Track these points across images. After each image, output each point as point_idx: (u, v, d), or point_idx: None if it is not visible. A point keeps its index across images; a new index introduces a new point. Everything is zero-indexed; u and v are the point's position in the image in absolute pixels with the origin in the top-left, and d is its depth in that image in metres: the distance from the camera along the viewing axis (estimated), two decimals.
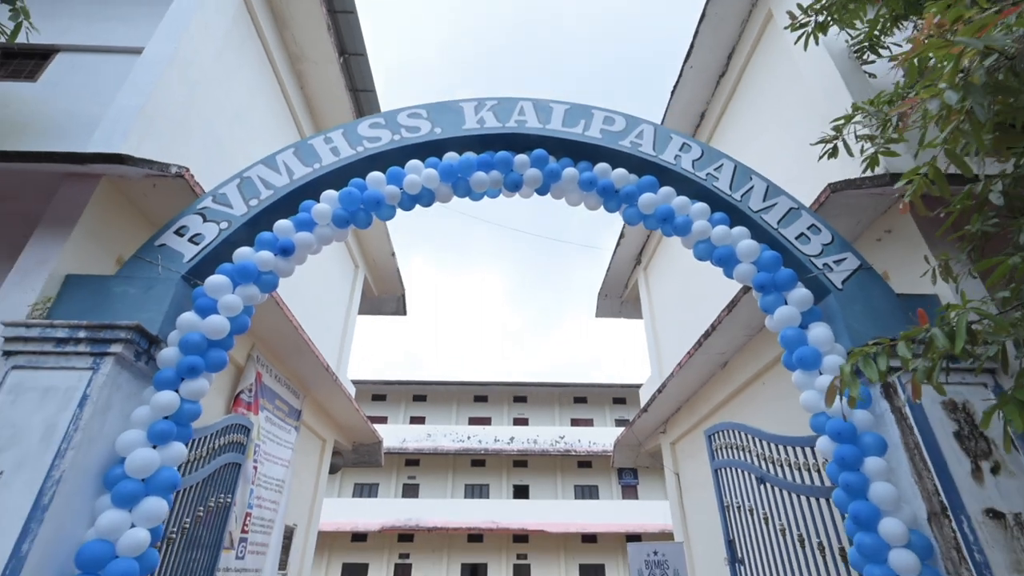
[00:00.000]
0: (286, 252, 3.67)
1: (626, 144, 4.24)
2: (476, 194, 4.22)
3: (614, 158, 4.24)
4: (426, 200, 4.11)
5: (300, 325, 5.91)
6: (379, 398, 30.67)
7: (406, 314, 12.56)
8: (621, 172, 4.15)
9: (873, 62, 4.53)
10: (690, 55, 6.73)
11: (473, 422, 29.99)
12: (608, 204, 4.23)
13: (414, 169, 4.04)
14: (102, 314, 3.26)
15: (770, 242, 3.88)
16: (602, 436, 26.95)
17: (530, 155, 4.21)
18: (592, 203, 4.26)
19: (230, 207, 3.77)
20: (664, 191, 4.09)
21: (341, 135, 4.16)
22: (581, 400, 31.37)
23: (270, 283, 3.68)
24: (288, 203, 3.92)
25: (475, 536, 25.60)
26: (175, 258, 3.54)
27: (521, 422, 30.47)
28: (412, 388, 31.01)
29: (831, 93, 4.78)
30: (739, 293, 5.12)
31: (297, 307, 6.39)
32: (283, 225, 3.71)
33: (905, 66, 2.18)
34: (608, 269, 11.52)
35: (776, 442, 4.30)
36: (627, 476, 27.63)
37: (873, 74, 4.57)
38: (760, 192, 4.05)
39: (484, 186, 4.15)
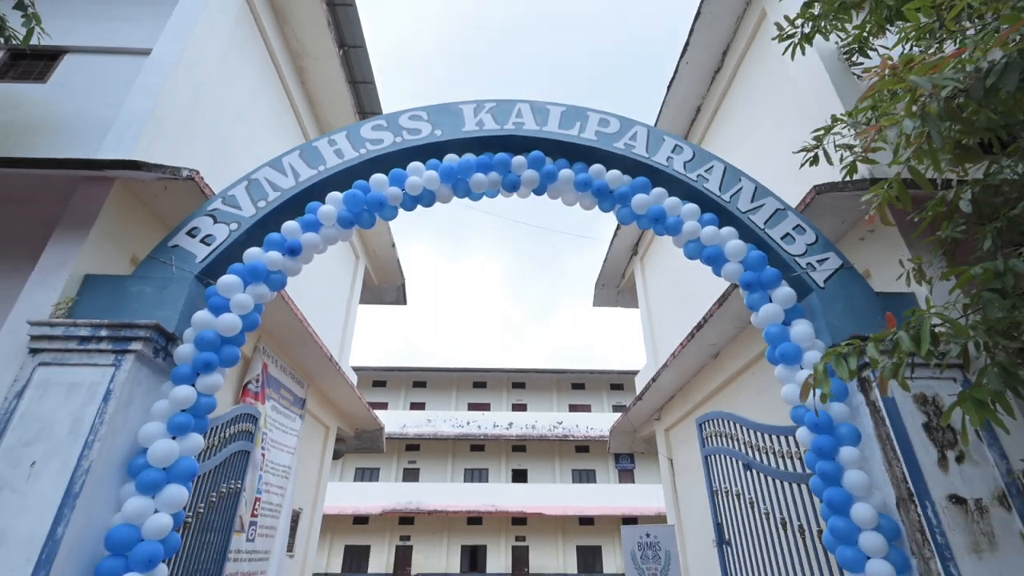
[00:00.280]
0: (294, 252, 3.84)
1: (620, 146, 4.39)
2: (475, 194, 4.37)
3: (608, 159, 4.39)
4: (427, 200, 4.27)
5: (305, 318, 6.10)
6: (379, 384, 31.02)
7: (406, 303, 12.75)
8: (615, 173, 4.31)
9: (862, 63, 4.65)
10: (686, 51, 6.82)
11: (472, 408, 30.40)
12: (603, 204, 4.39)
13: (415, 171, 4.19)
14: (120, 313, 3.44)
15: (757, 242, 4.05)
16: (599, 421, 27.36)
17: (527, 156, 4.36)
18: (587, 203, 4.42)
19: (239, 208, 3.93)
20: (656, 192, 4.24)
21: (344, 137, 4.30)
22: (579, 386, 31.76)
23: (279, 282, 3.85)
24: (294, 204, 4.07)
25: (475, 519, 26.14)
26: (188, 258, 3.70)
27: (520, 408, 30.88)
28: (412, 375, 31.35)
29: (820, 94, 4.91)
30: (730, 287, 5.30)
31: (300, 298, 6.56)
32: (290, 226, 3.87)
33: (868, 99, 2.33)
34: (605, 259, 11.69)
35: (761, 431, 4.53)
36: (624, 460, 28.12)
37: (862, 76, 4.70)
38: (749, 193, 4.21)
39: (483, 187, 4.30)
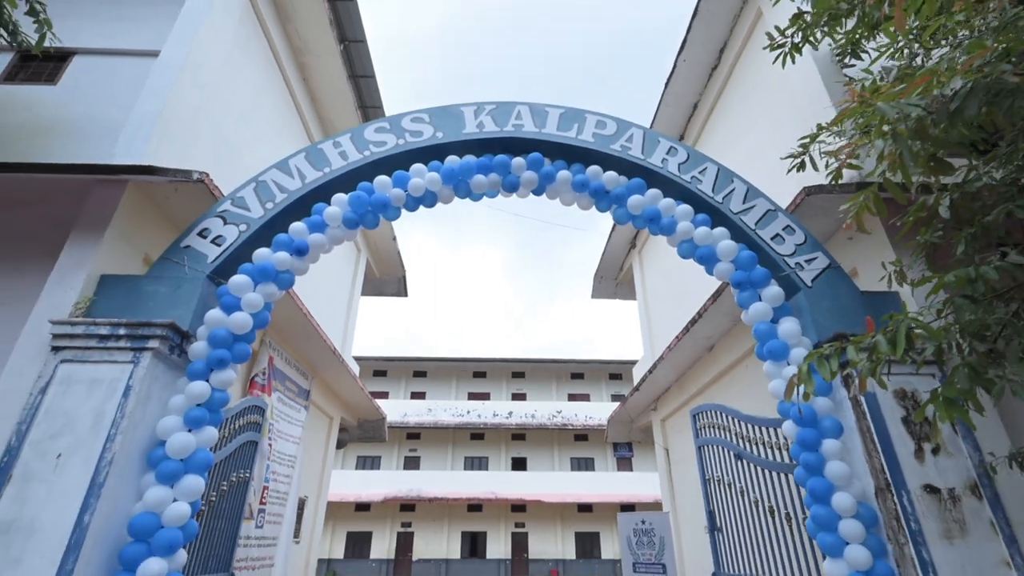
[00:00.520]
0: (301, 253, 3.99)
1: (617, 147, 4.51)
2: (476, 195, 4.51)
3: (605, 161, 4.52)
4: (429, 201, 4.40)
5: (309, 312, 6.25)
6: (380, 374, 31.28)
7: (407, 295, 12.90)
8: (612, 175, 4.44)
9: (853, 65, 4.76)
10: (683, 49, 6.91)
11: (472, 397, 30.69)
12: (599, 204, 4.52)
13: (418, 173, 4.32)
14: (137, 312, 3.59)
15: (748, 242, 4.20)
16: (598, 410, 27.66)
17: (526, 158, 4.48)
18: (584, 203, 4.55)
19: (248, 210, 4.07)
20: (651, 193, 4.38)
21: (348, 139, 4.42)
22: (578, 376, 32.03)
23: (287, 281, 4.00)
24: (300, 205, 4.21)
25: (475, 506, 26.55)
26: (199, 259, 3.85)
27: (519, 397, 31.18)
28: (413, 364, 31.60)
29: (813, 94, 5.03)
30: (723, 284, 5.45)
31: (304, 292, 6.71)
32: (298, 227, 4.01)
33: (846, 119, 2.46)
34: (604, 252, 11.83)
35: (751, 423, 4.71)
36: (622, 449, 28.47)
37: (853, 78, 4.80)
38: (741, 194, 4.34)
39: (483, 188, 4.43)
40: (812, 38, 3.57)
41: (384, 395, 30.07)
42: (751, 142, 6.45)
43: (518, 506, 26.51)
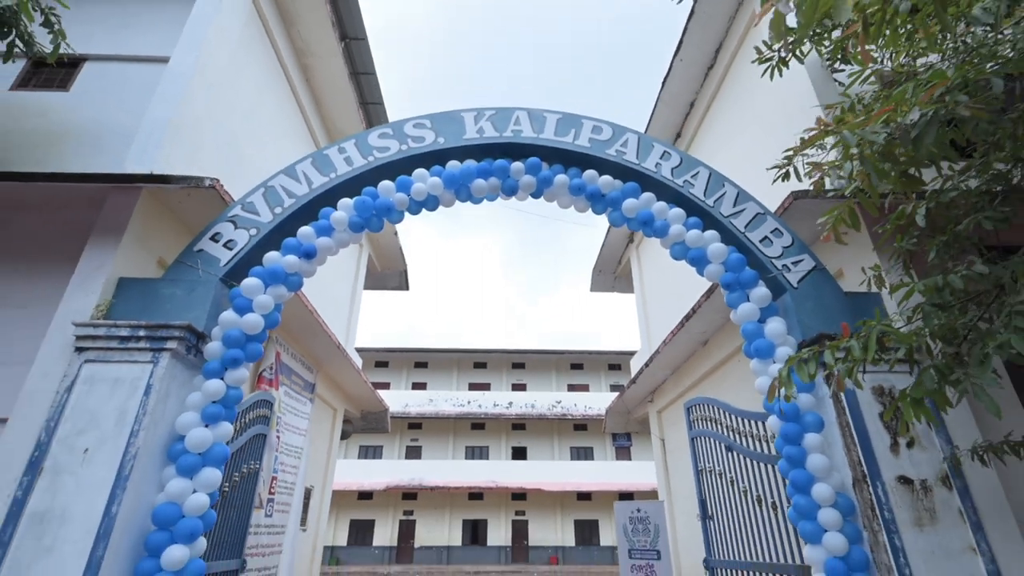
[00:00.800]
0: (309, 256, 4.16)
1: (612, 152, 4.67)
2: (477, 199, 4.67)
3: (601, 165, 4.67)
4: (431, 205, 4.57)
5: (315, 309, 6.44)
6: (382, 364, 31.58)
7: (408, 289, 13.09)
8: (607, 179, 4.60)
9: (843, 70, 4.90)
10: (680, 49, 7.02)
11: (473, 387, 31.03)
12: (595, 207, 4.69)
13: (420, 177, 4.48)
14: (154, 314, 3.77)
15: (738, 244, 4.37)
16: (597, 401, 27.99)
17: (525, 162, 4.64)
18: (581, 206, 4.72)
19: (257, 215, 4.24)
20: (645, 196, 4.54)
21: (353, 145, 4.58)
22: (577, 366, 32.34)
23: (296, 283, 4.18)
24: (308, 210, 4.37)
25: (476, 494, 26.98)
26: (212, 262, 4.03)
27: (519, 387, 31.50)
28: (414, 355, 31.90)
29: (804, 97, 5.17)
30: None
31: (308, 288, 6.87)
32: (306, 231, 4.19)
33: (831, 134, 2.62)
34: (602, 246, 12.00)
35: (741, 416, 4.91)
36: (621, 438, 28.85)
37: (842, 82, 4.95)
38: (731, 198, 4.51)
39: (484, 192, 4.60)
40: (799, 51, 3.72)
41: (386, 386, 30.40)
42: (746, 140, 6.59)
43: (518, 494, 26.94)
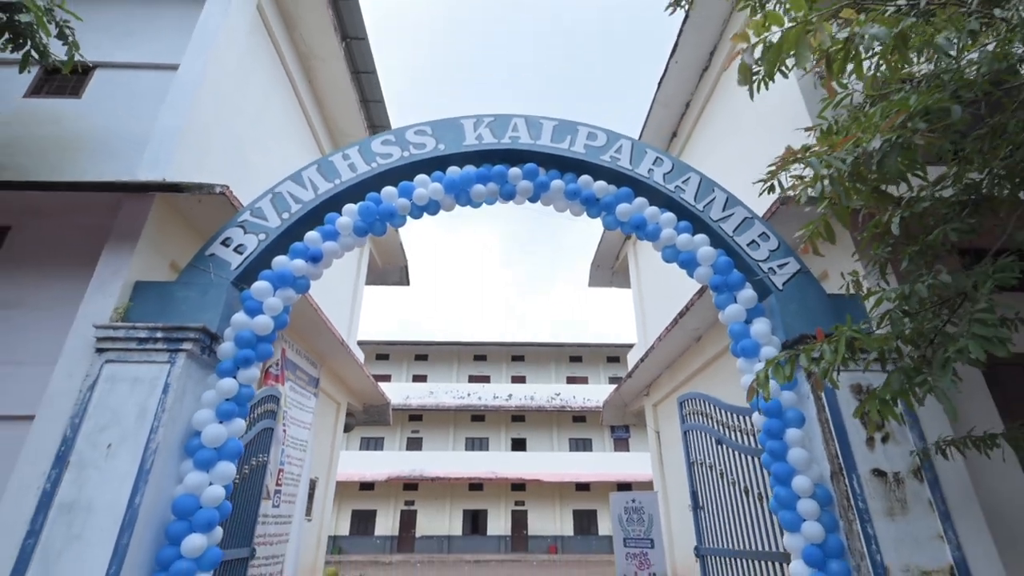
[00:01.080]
0: (316, 260, 4.35)
1: (606, 158, 4.84)
2: (476, 203, 4.85)
3: (595, 171, 4.85)
4: (432, 210, 4.75)
5: (319, 307, 6.64)
6: (383, 357, 31.86)
7: (409, 284, 13.29)
8: (601, 184, 4.78)
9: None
10: (675, 51, 7.16)
11: (473, 380, 31.32)
12: (590, 212, 4.87)
13: (422, 183, 4.66)
14: (169, 316, 3.97)
15: (726, 248, 4.56)
16: (596, 393, 28.28)
17: (522, 168, 4.82)
18: (576, 210, 4.90)
19: (266, 220, 4.42)
20: (638, 201, 4.73)
21: (357, 152, 4.75)
22: (576, 359, 32.62)
23: (304, 286, 4.38)
24: (314, 215, 4.56)
25: (476, 485, 27.37)
26: (224, 266, 4.22)
27: (519, 380, 31.80)
28: (414, 348, 32.16)
29: (792, 102, 5.34)
30: None
31: (312, 285, 7.08)
32: (312, 236, 4.37)
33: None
34: (600, 242, 12.17)
35: (730, 411, 5.12)
36: (619, 430, 29.18)
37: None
38: (720, 203, 4.69)
39: (483, 196, 4.78)
40: (783, 67, 3.87)
41: (387, 378, 30.70)
42: (740, 140, 6.76)
43: (518, 485, 27.33)
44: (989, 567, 3.36)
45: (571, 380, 31.91)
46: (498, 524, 26.93)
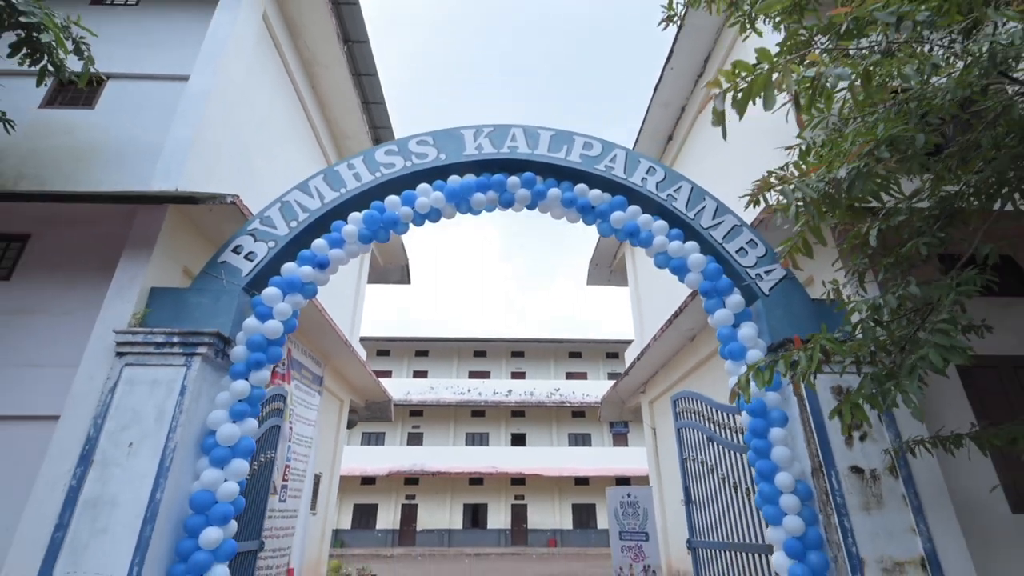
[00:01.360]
0: (323, 266, 4.56)
1: (601, 168, 5.03)
2: (476, 211, 5.04)
3: (591, 180, 5.04)
4: (434, 217, 4.95)
5: (324, 308, 6.84)
6: (383, 353, 32.09)
7: (410, 283, 13.50)
8: (597, 192, 4.97)
9: None
10: (670, 58, 7.33)
11: (473, 376, 31.56)
12: (586, 219, 5.06)
13: (424, 192, 4.85)
14: (184, 321, 4.18)
15: (715, 255, 4.75)
16: (595, 388, 28.52)
17: (520, 177, 5.00)
18: (572, 218, 5.09)
19: (275, 228, 4.62)
20: (632, 209, 4.92)
21: (362, 162, 4.94)
22: (576, 355, 32.85)
23: (311, 291, 4.58)
24: (320, 223, 4.75)
25: (476, 480, 27.67)
26: (235, 273, 4.42)
27: (519, 375, 32.05)
28: (415, 344, 32.38)
29: (784, 111, 5.50)
30: None
31: None
32: (319, 244, 4.57)
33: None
34: (598, 241, 12.34)
35: (721, 409, 5.33)
36: (618, 425, 29.46)
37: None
38: (711, 211, 4.88)
39: (482, 204, 4.97)
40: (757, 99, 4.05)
41: (388, 374, 30.94)
42: (734, 145, 6.91)
43: (518, 479, 27.63)
44: (958, 557, 3.58)
45: (570, 376, 32.15)
46: (498, 518, 27.25)
